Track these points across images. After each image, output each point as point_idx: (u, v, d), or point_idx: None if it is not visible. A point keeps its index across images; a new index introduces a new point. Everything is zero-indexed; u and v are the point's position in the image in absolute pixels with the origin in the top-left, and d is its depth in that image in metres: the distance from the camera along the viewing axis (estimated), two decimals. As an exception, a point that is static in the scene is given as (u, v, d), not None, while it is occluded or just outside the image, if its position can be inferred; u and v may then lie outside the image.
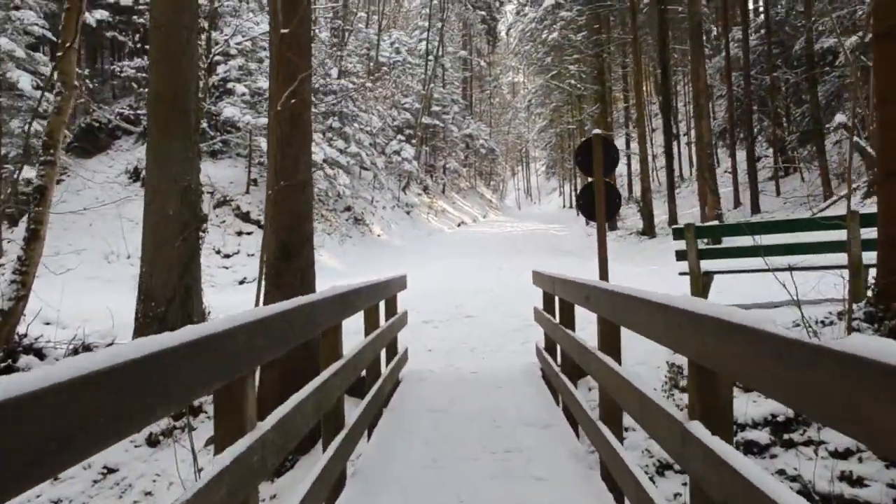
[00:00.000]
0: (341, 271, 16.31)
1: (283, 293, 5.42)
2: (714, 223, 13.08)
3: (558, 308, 5.18)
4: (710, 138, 17.88)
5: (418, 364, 7.21)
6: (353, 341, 4.32)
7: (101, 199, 16.14)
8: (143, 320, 6.60)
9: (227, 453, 1.83)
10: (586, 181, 6.89)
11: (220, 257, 16.61)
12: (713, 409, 1.99)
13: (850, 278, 5.42)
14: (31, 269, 6.63)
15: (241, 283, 15.61)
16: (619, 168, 25.86)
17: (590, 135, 6.86)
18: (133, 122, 20.89)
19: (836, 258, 6.29)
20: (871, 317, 4.75)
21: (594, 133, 6.81)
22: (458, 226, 31.98)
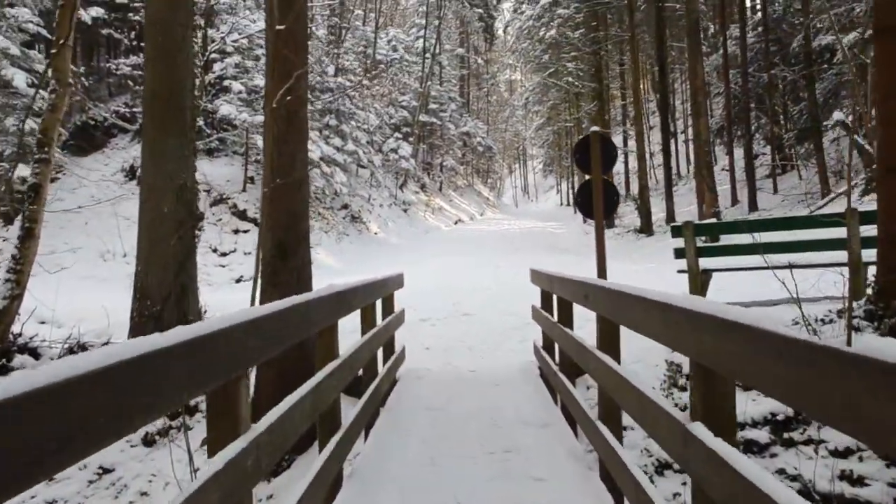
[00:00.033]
0: (338, 269, 16.27)
1: (279, 291, 5.38)
2: (712, 221, 13.06)
3: (556, 306, 5.16)
4: (708, 136, 17.86)
5: (415, 362, 7.17)
6: (350, 340, 4.29)
7: (96, 197, 16.07)
8: (138, 319, 6.57)
9: (220, 457, 1.80)
10: (584, 179, 6.85)
11: (217, 255, 16.55)
12: (716, 410, 1.96)
13: (849, 276, 5.40)
14: (26, 267, 6.58)
15: (238, 281, 15.55)
16: (617, 166, 25.83)
17: (587, 132, 6.84)
18: (129, 119, 20.78)
19: (836, 256, 6.27)
20: (871, 315, 4.73)
21: (592, 130, 6.78)
22: (456, 223, 31.93)
